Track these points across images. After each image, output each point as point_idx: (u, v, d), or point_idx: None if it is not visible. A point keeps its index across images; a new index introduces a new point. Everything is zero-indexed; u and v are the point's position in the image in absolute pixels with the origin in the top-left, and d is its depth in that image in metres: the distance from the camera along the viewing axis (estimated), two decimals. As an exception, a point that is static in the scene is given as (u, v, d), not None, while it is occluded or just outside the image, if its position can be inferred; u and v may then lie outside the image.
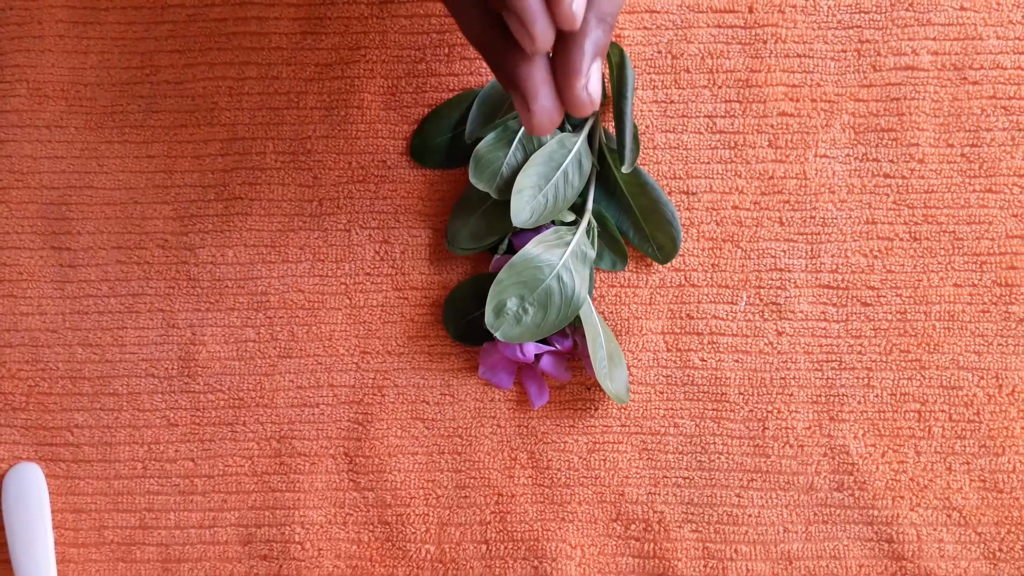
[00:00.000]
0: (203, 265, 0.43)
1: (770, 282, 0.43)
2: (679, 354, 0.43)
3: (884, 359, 0.42)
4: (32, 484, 0.43)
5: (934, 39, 0.43)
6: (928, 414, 0.42)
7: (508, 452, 0.43)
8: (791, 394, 0.42)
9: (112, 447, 0.43)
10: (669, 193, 0.43)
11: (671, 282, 0.43)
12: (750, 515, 0.42)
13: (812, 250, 0.43)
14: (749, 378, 0.43)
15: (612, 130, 0.42)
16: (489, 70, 0.43)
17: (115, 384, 0.43)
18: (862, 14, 0.43)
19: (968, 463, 0.42)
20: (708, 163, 0.43)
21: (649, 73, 0.43)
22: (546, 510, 0.43)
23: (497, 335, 0.39)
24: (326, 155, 0.44)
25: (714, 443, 0.43)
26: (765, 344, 0.43)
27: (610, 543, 0.42)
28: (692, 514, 0.42)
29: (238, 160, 0.43)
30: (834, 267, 0.43)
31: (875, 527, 0.42)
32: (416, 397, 0.43)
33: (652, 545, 0.42)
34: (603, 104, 0.42)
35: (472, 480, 0.43)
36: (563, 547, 0.42)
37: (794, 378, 0.43)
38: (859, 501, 0.42)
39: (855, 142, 0.43)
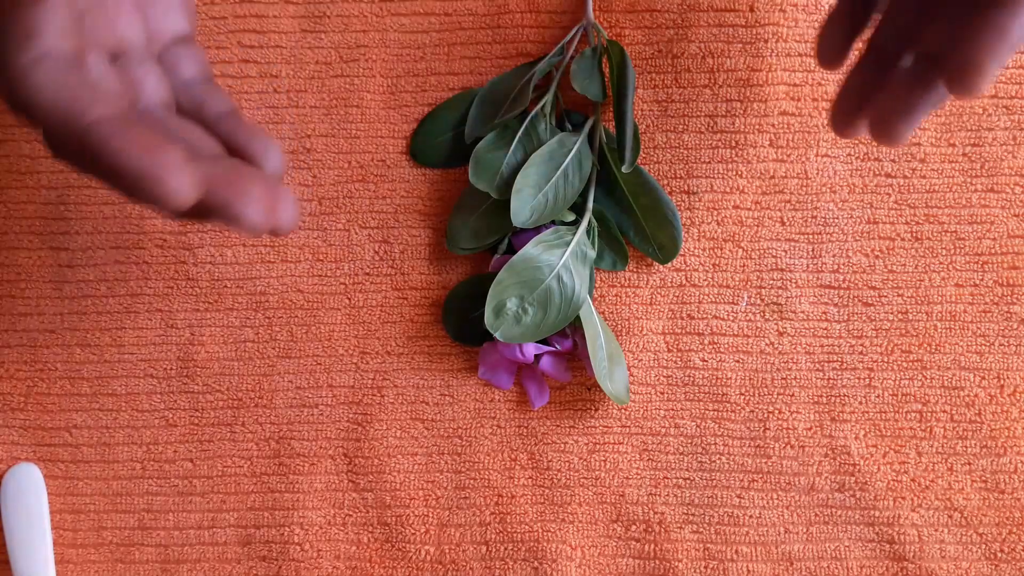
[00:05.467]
0: (202, 265, 0.43)
1: (771, 282, 0.43)
2: (680, 354, 0.43)
3: (885, 359, 0.42)
4: (31, 484, 0.42)
5: (936, 38, 0.43)
6: (929, 414, 0.42)
7: (508, 453, 0.43)
8: (792, 394, 0.42)
9: (111, 447, 0.43)
10: (670, 193, 0.43)
11: (672, 282, 0.43)
12: (751, 516, 0.42)
13: (813, 250, 0.43)
14: (750, 378, 0.42)
15: (612, 129, 0.42)
16: (490, 70, 0.43)
17: (114, 384, 0.43)
18: (863, 13, 0.43)
19: (969, 464, 0.42)
20: (709, 163, 0.43)
21: (649, 72, 0.43)
22: (546, 511, 0.43)
23: (497, 335, 0.39)
24: (326, 154, 0.43)
25: (715, 444, 0.42)
26: (766, 344, 0.42)
27: (610, 544, 0.42)
28: (693, 515, 0.42)
29: (237, 160, 0.43)
30: (835, 267, 0.42)
31: (876, 528, 0.42)
32: (416, 397, 0.43)
33: (653, 546, 0.42)
34: (603, 104, 0.42)
35: (472, 481, 0.43)
36: (563, 548, 0.42)
37: (795, 378, 0.42)
38: (860, 502, 0.42)
39: (856, 141, 0.43)
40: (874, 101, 0.32)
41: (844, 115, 0.34)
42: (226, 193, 0.27)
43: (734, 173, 0.43)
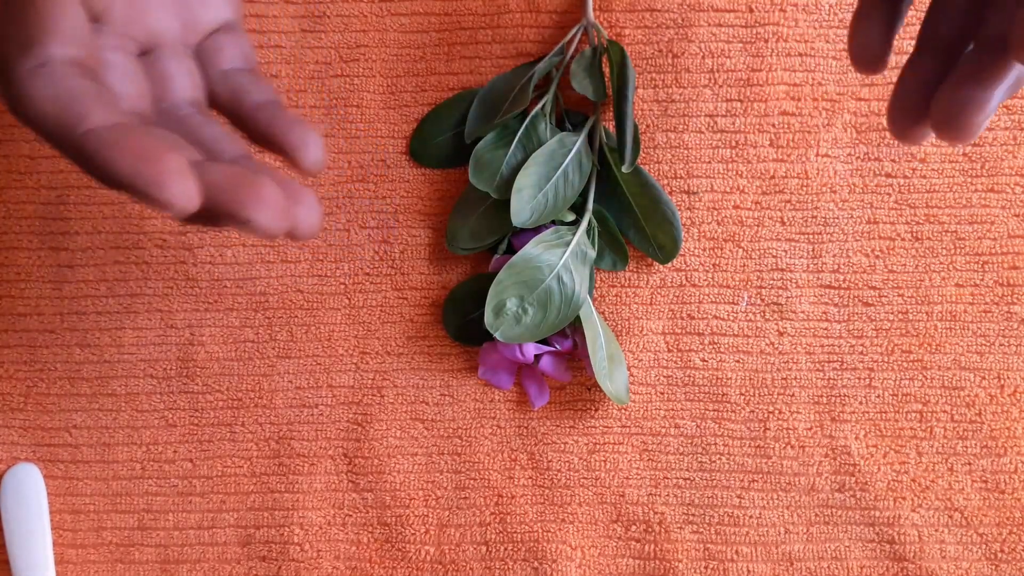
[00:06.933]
0: (201, 265, 0.43)
1: (771, 282, 0.43)
2: (680, 354, 0.43)
3: (886, 359, 0.42)
4: (30, 485, 0.42)
5: (936, 38, 0.43)
6: (930, 414, 0.42)
7: (508, 453, 0.43)
8: (792, 394, 0.42)
9: (110, 448, 0.43)
10: (670, 193, 0.43)
11: (672, 282, 0.43)
12: (751, 516, 0.42)
13: (813, 250, 0.43)
14: (750, 378, 0.42)
15: (612, 129, 0.42)
16: (490, 70, 0.43)
17: (113, 385, 0.43)
18: (864, 13, 0.43)
19: (970, 464, 0.42)
20: (709, 162, 0.43)
21: (650, 72, 0.43)
22: (546, 511, 0.43)
23: (497, 335, 0.39)
24: (325, 154, 0.43)
25: (715, 444, 0.42)
26: (766, 344, 0.42)
27: (610, 544, 0.42)
28: (693, 515, 0.42)
29: (237, 159, 0.43)
30: (835, 267, 0.42)
31: (877, 528, 0.42)
32: (415, 398, 0.43)
33: (653, 546, 0.42)
34: (603, 104, 0.42)
35: (472, 481, 0.43)
36: (563, 548, 0.42)
37: (795, 378, 0.42)
38: (860, 502, 0.42)
39: (857, 141, 0.43)
40: (938, 98, 0.29)
41: (905, 118, 0.30)
42: (235, 197, 0.26)
43: (734, 173, 0.43)
